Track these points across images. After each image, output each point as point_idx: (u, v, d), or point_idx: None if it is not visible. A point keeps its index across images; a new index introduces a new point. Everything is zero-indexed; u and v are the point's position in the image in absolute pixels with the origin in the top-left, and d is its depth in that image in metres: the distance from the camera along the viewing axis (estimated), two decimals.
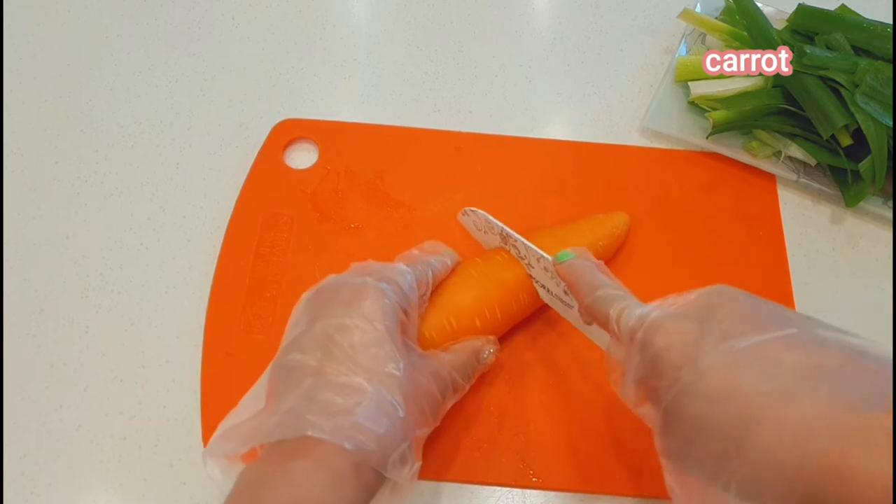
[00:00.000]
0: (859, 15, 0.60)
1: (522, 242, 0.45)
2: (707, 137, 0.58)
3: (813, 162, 0.56)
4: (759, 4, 0.61)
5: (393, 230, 0.54)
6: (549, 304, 0.47)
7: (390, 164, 0.57)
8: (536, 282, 0.46)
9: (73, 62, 0.64)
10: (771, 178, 0.58)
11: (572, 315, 0.45)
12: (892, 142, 0.52)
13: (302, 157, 0.58)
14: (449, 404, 0.41)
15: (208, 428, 0.46)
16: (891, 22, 0.58)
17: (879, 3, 0.67)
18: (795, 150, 0.56)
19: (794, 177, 0.57)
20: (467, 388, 0.42)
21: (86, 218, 0.55)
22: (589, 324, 0.42)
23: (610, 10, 0.69)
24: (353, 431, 0.32)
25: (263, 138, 0.58)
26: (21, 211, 0.55)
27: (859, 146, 0.53)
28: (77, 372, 0.48)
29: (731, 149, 0.58)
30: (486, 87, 0.63)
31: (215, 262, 0.52)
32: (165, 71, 0.63)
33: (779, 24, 0.60)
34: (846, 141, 0.53)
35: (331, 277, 0.40)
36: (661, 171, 0.58)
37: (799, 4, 0.60)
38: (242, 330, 0.50)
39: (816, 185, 0.57)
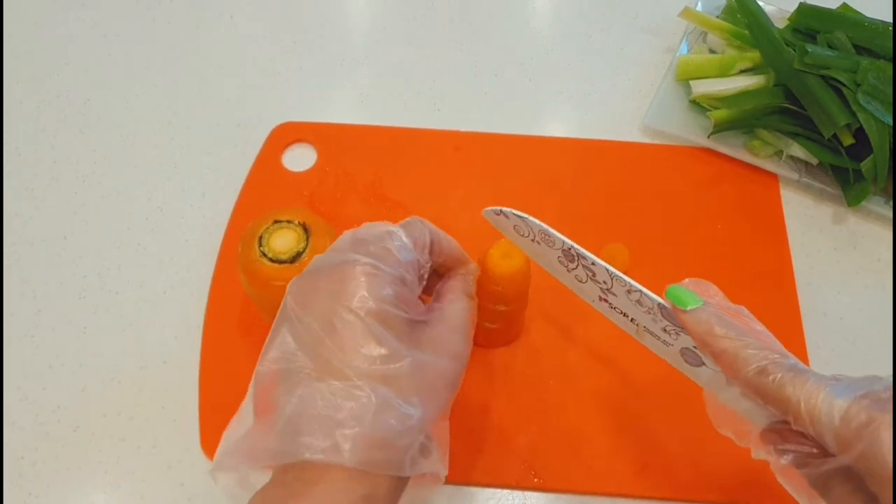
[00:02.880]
0: (861, 14, 0.59)
1: (604, 267, 0.37)
2: (708, 136, 0.57)
3: (815, 161, 0.56)
4: (760, 3, 0.60)
5: None
6: (630, 334, 0.39)
7: (389, 165, 0.57)
8: (614, 309, 0.39)
9: (71, 62, 0.63)
10: (773, 177, 0.57)
11: (669, 353, 0.37)
12: (893, 141, 0.52)
13: (300, 159, 0.58)
14: (466, 359, 0.36)
15: (207, 429, 0.46)
16: (892, 20, 0.58)
17: (881, 2, 0.66)
18: (797, 150, 0.56)
19: (795, 176, 0.57)
20: (475, 314, 0.38)
21: (84, 218, 0.55)
22: (695, 364, 0.36)
23: (611, 9, 0.69)
24: (357, 446, 0.29)
25: (262, 138, 0.58)
26: (19, 211, 0.55)
27: (861, 145, 0.53)
28: (75, 373, 0.48)
29: (733, 148, 0.58)
30: (487, 86, 0.63)
31: (214, 262, 0.52)
32: (164, 71, 0.63)
33: (780, 22, 0.60)
34: (848, 140, 0.53)
35: (315, 259, 0.35)
36: (663, 169, 0.58)
37: (800, 3, 0.59)
38: (241, 331, 0.49)
39: (818, 185, 0.56)
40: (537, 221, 0.39)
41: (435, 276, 0.39)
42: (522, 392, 0.48)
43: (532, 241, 0.41)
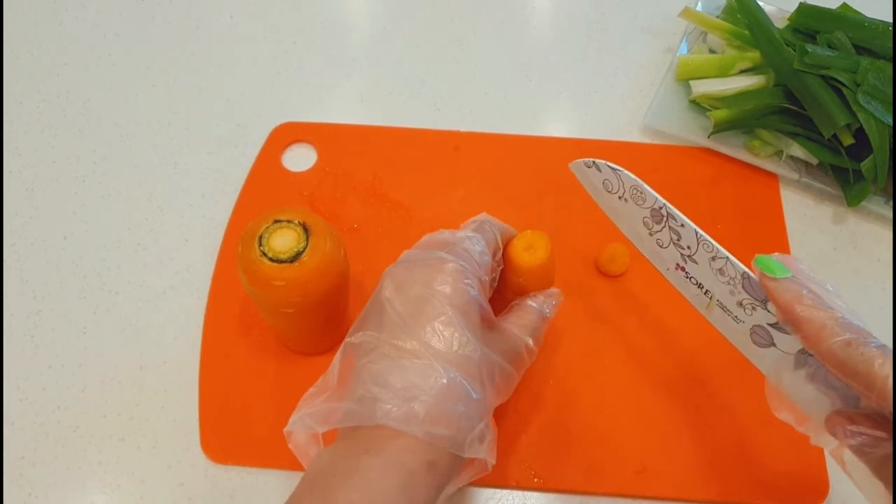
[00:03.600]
0: (861, 14, 0.59)
1: (693, 229, 0.37)
2: (708, 136, 0.57)
3: (815, 161, 0.56)
4: (760, 3, 0.60)
5: (392, 231, 0.54)
6: (697, 308, 0.39)
7: (388, 165, 0.57)
8: (689, 278, 0.38)
9: (71, 61, 0.63)
10: (773, 177, 0.57)
11: (738, 331, 0.37)
12: (893, 141, 0.52)
13: (300, 159, 0.58)
14: (522, 375, 0.40)
15: (207, 429, 0.46)
16: (892, 20, 0.58)
17: (881, 2, 0.66)
18: (797, 150, 0.56)
19: (795, 176, 0.57)
20: (538, 350, 0.41)
21: (84, 218, 0.55)
22: (764, 345, 0.35)
23: (611, 9, 0.68)
24: (428, 419, 0.32)
25: (262, 137, 0.58)
26: (19, 211, 0.55)
27: (861, 145, 0.53)
28: (75, 373, 0.48)
29: (733, 148, 0.57)
30: (486, 86, 0.63)
31: (214, 263, 0.52)
32: (163, 70, 0.63)
33: (780, 22, 0.60)
34: (848, 140, 0.53)
35: (406, 254, 0.39)
36: (663, 169, 0.58)
37: (800, 3, 0.59)
38: (241, 332, 0.49)
39: (818, 185, 0.56)
40: (632, 176, 0.39)
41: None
42: (523, 392, 0.48)
43: (620, 198, 0.40)
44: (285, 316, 0.43)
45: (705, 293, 0.38)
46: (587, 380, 0.48)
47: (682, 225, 0.38)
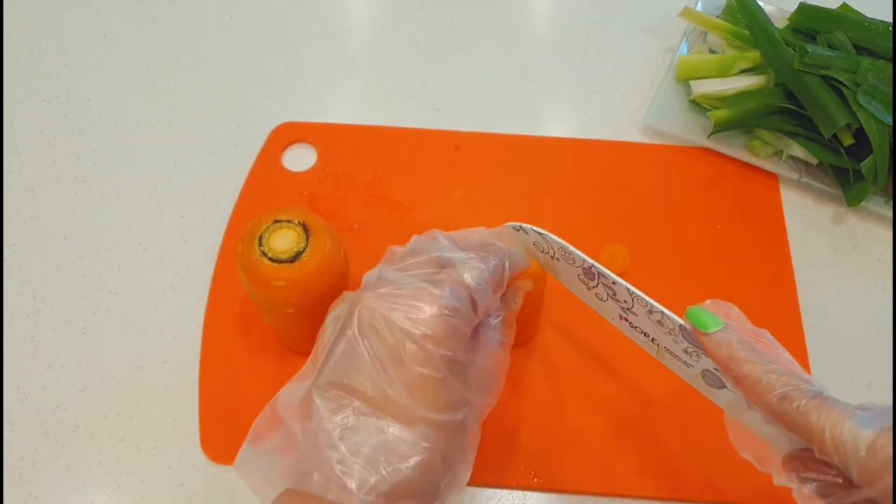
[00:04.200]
0: (861, 14, 0.59)
1: (625, 287, 0.37)
2: (708, 136, 0.57)
3: (815, 161, 0.56)
4: (760, 3, 0.60)
5: (392, 231, 0.54)
6: (650, 354, 0.39)
7: (388, 165, 0.57)
8: (634, 328, 0.39)
9: (71, 61, 0.63)
10: (773, 177, 0.57)
11: (690, 375, 0.37)
12: (893, 141, 0.52)
13: (300, 159, 0.58)
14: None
15: (207, 429, 0.46)
16: (892, 20, 0.58)
17: (881, 2, 0.66)
18: (797, 150, 0.56)
19: (795, 176, 0.57)
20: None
21: (84, 218, 0.55)
22: (717, 387, 0.35)
23: (610, 9, 0.68)
24: (405, 495, 0.29)
25: (261, 137, 0.58)
26: (19, 211, 0.55)
27: (861, 145, 0.53)
28: (75, 373, 0.48)
29: (733, 148, 0.57)
30: (486, 86, 0.63)
31: (214, 263, 0.52)
32: (163, 70, 0.63)
33: (780, 22, 0.60)
34: (848, 140, 0.53)
35: (386, 272, 0.34)
36: (663, 169, 0.58)
37: (800, 3, 0.59)
38: (241, 331, 0.49)
39: (818, 185, 0.56)
40: (558, 239, 0.38)
41: None
42: (523, 393, 0.48)
43: (552, 257, 0.40)
44: (285, 316, 0.43)
45: (652, 341, 0.38)
46: (587, 379, 0.48)
47: (614, 283, 0.37)
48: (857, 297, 0.52)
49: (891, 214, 0.55)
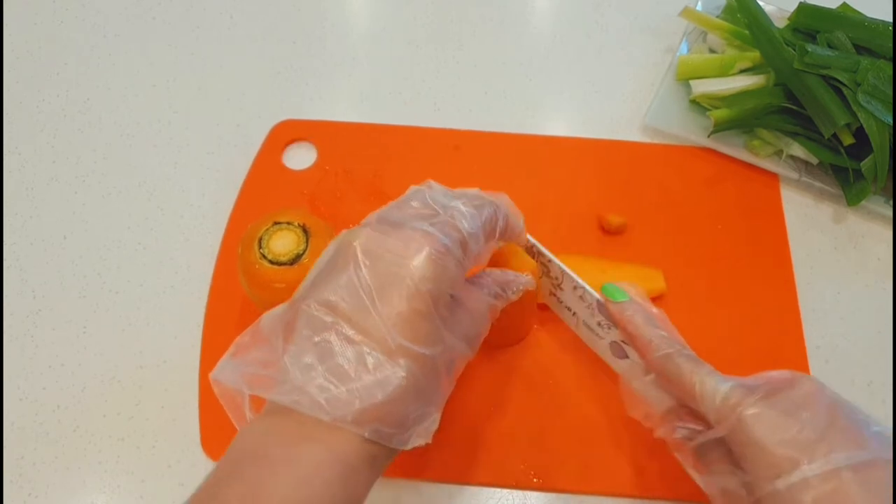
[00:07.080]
0: (861, 13, 0.59)
1: (558, 265, 0.42)
2: (708, 136, 0.57)
3: (815, 161, 0.56)
4: (760, 3, 0.60)
5: None
6: (571, 327, 0.47)
7: (388, 163, 0.57)
8: (561, 303, 0.45)
9: (71, 61, 0.63)
10: (773, 176, 0.57)
11: (600, 345, 0.44)
12: (893, 140, 0.52)
13: (300, 157, 0.58)
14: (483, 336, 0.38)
15: (207, 429, 0.46)
16: (892, 20, 0.58)
17: (881, 2, 0.66)
18: (797, 149, 0.56)
19: (795, 175, 0.56)
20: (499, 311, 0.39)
21: (84, 218, 0.55)
22: (620, 357, 0.43)
23: (611, 9, 0.68)
24: (378, 419, 0.30)
25: (261, 137, 0.58)
26: (19, 211, 0.55)
27: (861, 145, 0.53)
28: (75, 373, 0.48)
29: (733, 147, 0.57)
30: (487, 85, 0.63)
31: (214, 262, 0.52)
32: (163, 70, 0.63)
33: (780, 22, 0.60)
34: (848, 140, 0.53)
35: (384, 211, 0.36)
36: (663, 169, 0.58)
37: (800, 3, 0.59)
38: (241, 331, 0.49)
39: (818, 184, 0.56)
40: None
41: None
42: (523, 392, 0.48)
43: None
44: None
45: (573, 315, 0.45)
46: (587, 379, 0.48)
47: (550, 260, 0.43)
48: (857, 296, 0.52)
49: (891, 214, 0.55)
